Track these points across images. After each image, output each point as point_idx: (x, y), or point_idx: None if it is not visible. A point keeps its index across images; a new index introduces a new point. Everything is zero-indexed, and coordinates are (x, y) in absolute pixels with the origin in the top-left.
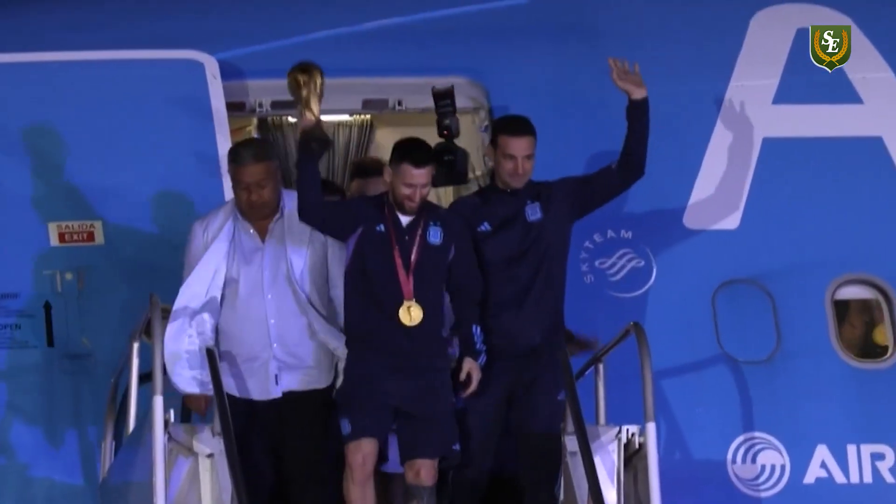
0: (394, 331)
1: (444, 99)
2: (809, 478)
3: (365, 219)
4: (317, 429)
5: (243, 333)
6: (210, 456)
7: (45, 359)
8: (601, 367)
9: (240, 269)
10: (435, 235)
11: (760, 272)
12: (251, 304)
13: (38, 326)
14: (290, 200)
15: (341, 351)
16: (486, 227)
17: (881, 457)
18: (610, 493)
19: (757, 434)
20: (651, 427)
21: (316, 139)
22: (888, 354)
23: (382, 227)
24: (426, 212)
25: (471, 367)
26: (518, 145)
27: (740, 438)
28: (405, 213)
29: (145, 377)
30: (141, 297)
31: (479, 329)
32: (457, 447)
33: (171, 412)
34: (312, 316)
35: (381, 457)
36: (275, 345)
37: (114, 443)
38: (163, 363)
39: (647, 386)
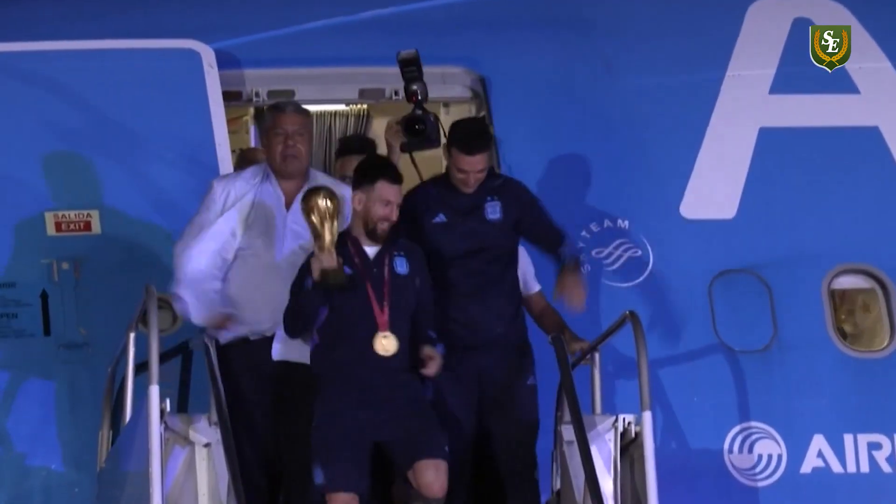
0: (366, 365)
1: (409, 65)
2: (806, 467)
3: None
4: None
5: (253, 301)
6: (207, 445)
7: (41, 348)
8: (597, 356)
9: (257, 237)
10: (401, 266)
11: (757, 262)
12: (265, 273)
13: (34, 316)
14: (316, 175)
15: None
16: (440, 218)
17: (878, 446)
18: (606, 482)
19: (754, 424)
20: (647, 416)
21: (336, 284)
22: (885, 344)
23: (349, 270)
24: (389, 243)
25: (429, 351)
26: (470, 162)
27: (737, 428)
28: (376, 239)
29: (142, 367)
30: (138, 286)
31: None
32: (446, 448)
33: (168, 402)
34: None
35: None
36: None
37: (111, 432)
38: (159, 352)
39: (644, 375)
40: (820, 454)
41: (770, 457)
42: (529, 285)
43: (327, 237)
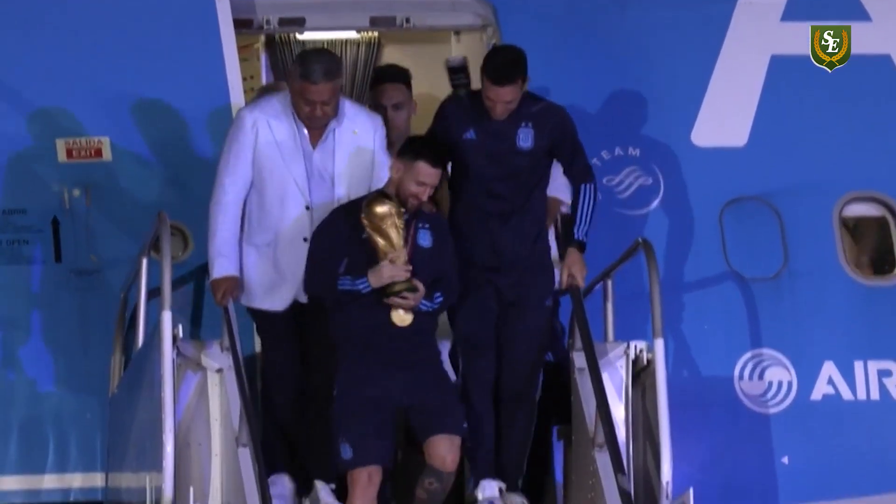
0: (386, 332)
1: (457, 73)
2: (816, 394)
3: (348, 239)
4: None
5: (281, 236)
6: (219, 371)
7: (53, 275)
8: (609, 283)
9: (302, 170)
10: (425, 238)
11: (768, 189)
12: (290, 211)
13: (46, 242)
14: (344, 107)
15: None
16: (471, 135)
17: (888, 373)
18: (618, 409)
19: (764, 351)
20: (659, 343)
21: (400, 292)
22: (895, 272)
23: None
24: (415, 214)
25: (419, 284)
26: (497, 93)
27: (748, 355)
28: (406, 209)
29: (154, 293)
30: (149, 213)
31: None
32: (465, 425)
33: (180, 327)
34: None
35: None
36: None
37: (123, 358)
38: (171, 278)
39: (656, 302)
40: (830, 381)
41: (780, 384)
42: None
43: (403, 249)
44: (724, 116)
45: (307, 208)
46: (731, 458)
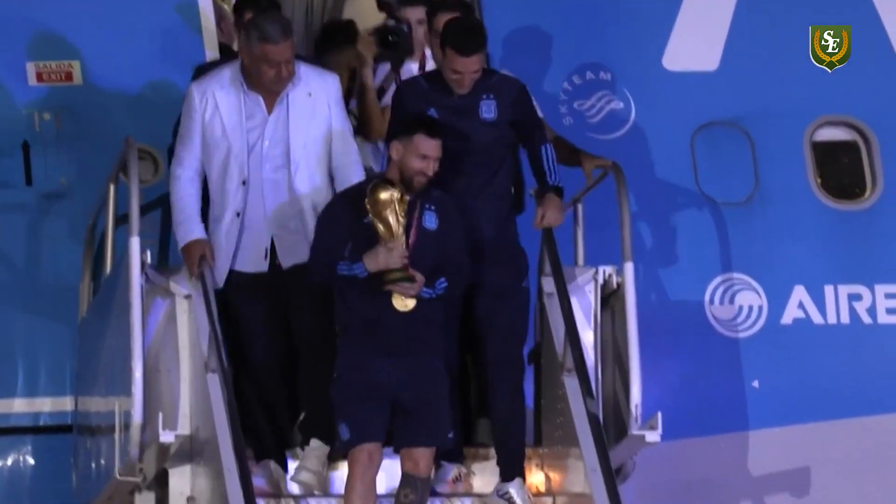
0: (388, 316)
1: (394, 34)
2: (787, 318)
3: (350, 224)
4: (318, 304)
5: (243, 205)
6: (188, 297)
7: (22, 198)
8: (579, 207)
9: (240, 141)
10: (430, 221)
11: (739, 114)
12: (228, 185)
13: (16, 166)
14: (297, 70)
15: None
16: (432, 113)
17: (858, 298)
18: (587, 334)
19: (735, 275)
20: (629, 267)
21: (396, 280)
22: (866, 195)
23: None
24: (421, 195)
25: (418, 275)
26: (465, 63)
27: (718, 279)
28: (411, 190)
29: (123, 218)
30: (119, 137)
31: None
32: (451, 434)
33: (148, 253)
34: (305, 197)
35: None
36: (269, 217)
37: (92, 283)
38: (140, 204)
39: (625, 226)
40: (801, 305)
41: (751, 308)
42: None
43: (402, 237)
44: (696, 40)
45: (243, 183)
46: (700, 383)
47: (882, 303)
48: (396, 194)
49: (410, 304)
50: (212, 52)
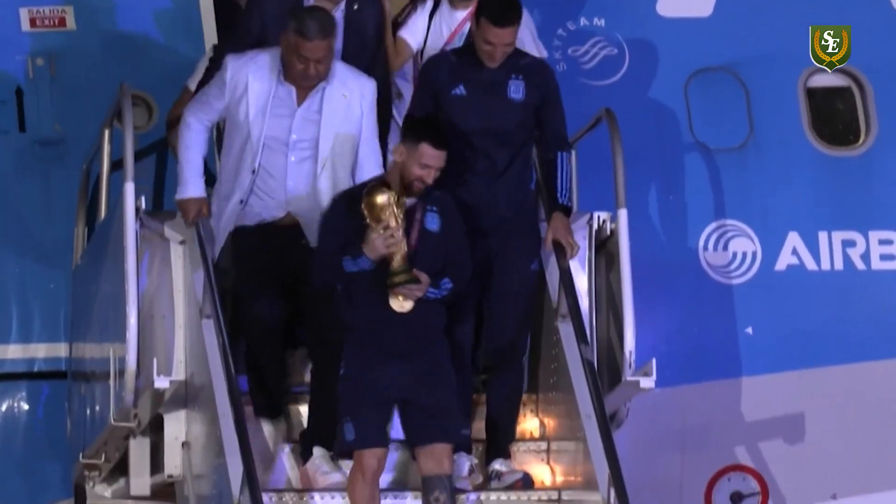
0: (390, 320)
1: None
2: (780, 265)
3: (351, 226)
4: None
5: (261, 189)
6: (182, 242)
7: (16, 144)
8: (573, 153)
9: (259, 129)
10: (433, 222)
11: (733, 60)
12: (273, 165)
13: (9, 112)
14: (335, 70)
15: None
16: (461, 90)
17: (852, 244)
18: (581, 280)
19: (728, 222)
20: (623, 214)
21: (401, 283)
22: (860, 142)
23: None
24: (424, 196)
25: (423, 276)
26: (499, 35)
27: (712, 226)
28: (410, 194)
29: (117, 164)
30: (113, 83)
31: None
32: (466, 431)
33: (143, 199)
34: (326, 194)
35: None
36: (292, 206)
37: (86, 229)
38: (134, 150)
39: (619, 172)
40: (794, 252)
41: (745, 254)
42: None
43: (402, 240)
44: None
45: (253, 172)
46: (694, 329)
47: (876, 249)
48: (393, 197)
49: (407, 305)
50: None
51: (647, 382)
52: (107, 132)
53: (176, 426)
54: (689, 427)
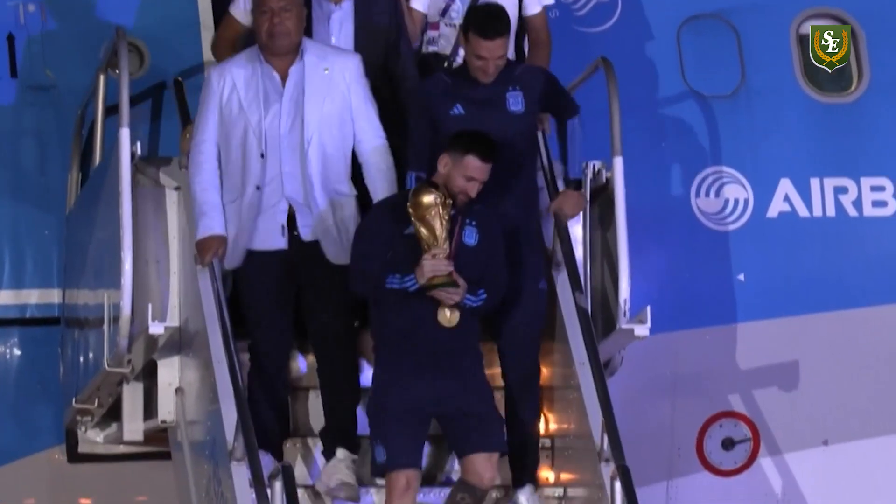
0: (425, 329)
1: None
2: (773, 211)
3: (391, 235)
4: (336, 305)
5: (260, 175)
6: (177, 188)
7: (8, 91)
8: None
9: (256, 114)
10: (471, 236)
11: (725, 6)
12: (270, 153)
13: (1, 58)
14: (311, 48)
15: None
16: (458, 110)
17: (844, 190)
18: (576, 228)
19: (721, 168)
20: (618, 162)
21: (443, 286)
22: (852, 88)
23: (413, 230)
24: (463, 210)
25: (460, 280)
26: (489, 48)
27: (704, 173)
28: (453, 205)
29: (112, 110)
30: (104, 29)
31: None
32: (503, 438)
33: (138, 144)
34: (315, 171)
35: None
36: (288, 190)
37: (80, 175)
38: (129, 94)
39: (615, 121)
40: (786, 198)
41: (737, 201)
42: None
43: (445, 242)
44: None
45: (262, 156)
46: (688, 276)
47: (868, 195)
48: (440, 198)
49: (455, 318)
50: None
51: (642, 330)
52: (102, 78)
53: (169, 372)
54: (682, 374)
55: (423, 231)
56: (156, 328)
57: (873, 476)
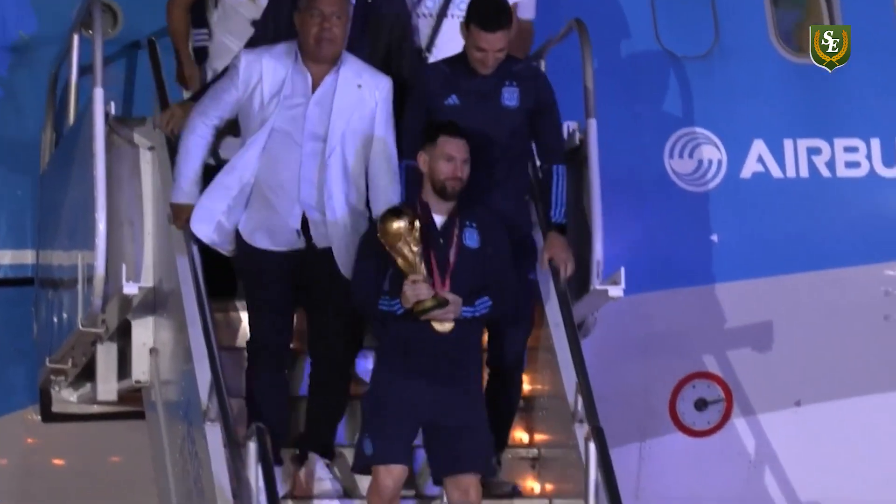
0: (424, 337)
1: None
2: (746, 172)
3: (387, 254)
4: (337, 284)
5: (275, 181)
6: (151, 148)
7: None
8: (542, 63)
9: (281, 116)
10: (471, 238)
11: None
12: (287, 152)
13: None
14: (348, 61)
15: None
16: (453, 100)
17: (817, 151)
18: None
19: (695, 129)
20: (592, 123)
21: (429, 310)
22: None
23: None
24: (462, 211)
25: (453, 297)
26: (489, 40)
27: (678, 134)
28: (447, 198)
29: (85, 70)
30: None
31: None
32: (493, 459)
33: (112, 105)
34: (335, 182)
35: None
36: (303, 195)
37: (54, 135)
38: (103, 54)
39: (589, 82)
40: (760, 159)
41: (711, 162)
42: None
43: (421, 267)
44: None
45: (275, 157)
46: (661, 237)
47: (841, 156)
48: (405, 224)
49: (449, 326)
50: None
51: (616, 291)
52: (75, 37)
53: (144, 332)
54: (655, 335)
55: (399, 259)
56: (130, 288)
57: (845, 436)
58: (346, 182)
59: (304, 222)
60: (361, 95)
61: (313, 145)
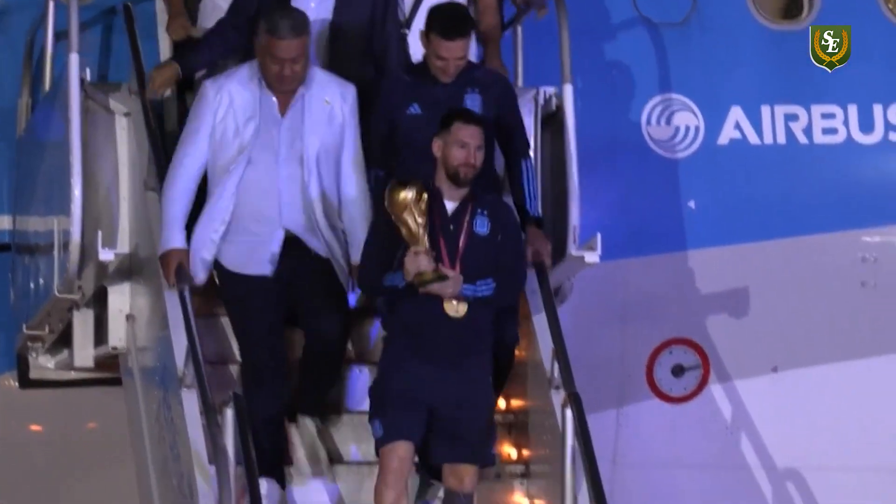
0: (438, 322)
1: None
2: (723, 139)
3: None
4: (330, 310)
5: (254, 205)
6: (127, 114)
7: None
8: (519, 29)
9: (256, 142)
10: (482, 225)
11: None
12: (265, 179)
13: None
14: (313, 78)
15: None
16: (415, 109)
17: (795, 118)
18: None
19: (672, 95)
20: (568, 89)
21: (430, 282)
22: (803, 15)
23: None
24: (474, 199)
25: (454, 273)
26: (450, 48)
27: (655, 100)
28: (459, 184)
29: (61, 35)
30: None
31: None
32: (493, 451)
33: (88, 70)
34: (317, 202)
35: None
36: (284, 218)
37: (30, 100)
38: (78, 20)
39: (565, 47)
40: (737, 126)
41: (688, 128)
42: None
43: (424, 238)
44: None
45: (254, 182)
46: (638, 203)
47: (818, 123)
48: (413, 195)
49: (462, 309)
50: None
51: (592, 257)
52: (51, 3)
53: (120, 298)
54: (632, 301)
55: (403, 230)
56: (105, 255)
57: (822, 403)
58: (325, 198)
59: (286, 243)
60: (331, 111)
61: (290, 169)
